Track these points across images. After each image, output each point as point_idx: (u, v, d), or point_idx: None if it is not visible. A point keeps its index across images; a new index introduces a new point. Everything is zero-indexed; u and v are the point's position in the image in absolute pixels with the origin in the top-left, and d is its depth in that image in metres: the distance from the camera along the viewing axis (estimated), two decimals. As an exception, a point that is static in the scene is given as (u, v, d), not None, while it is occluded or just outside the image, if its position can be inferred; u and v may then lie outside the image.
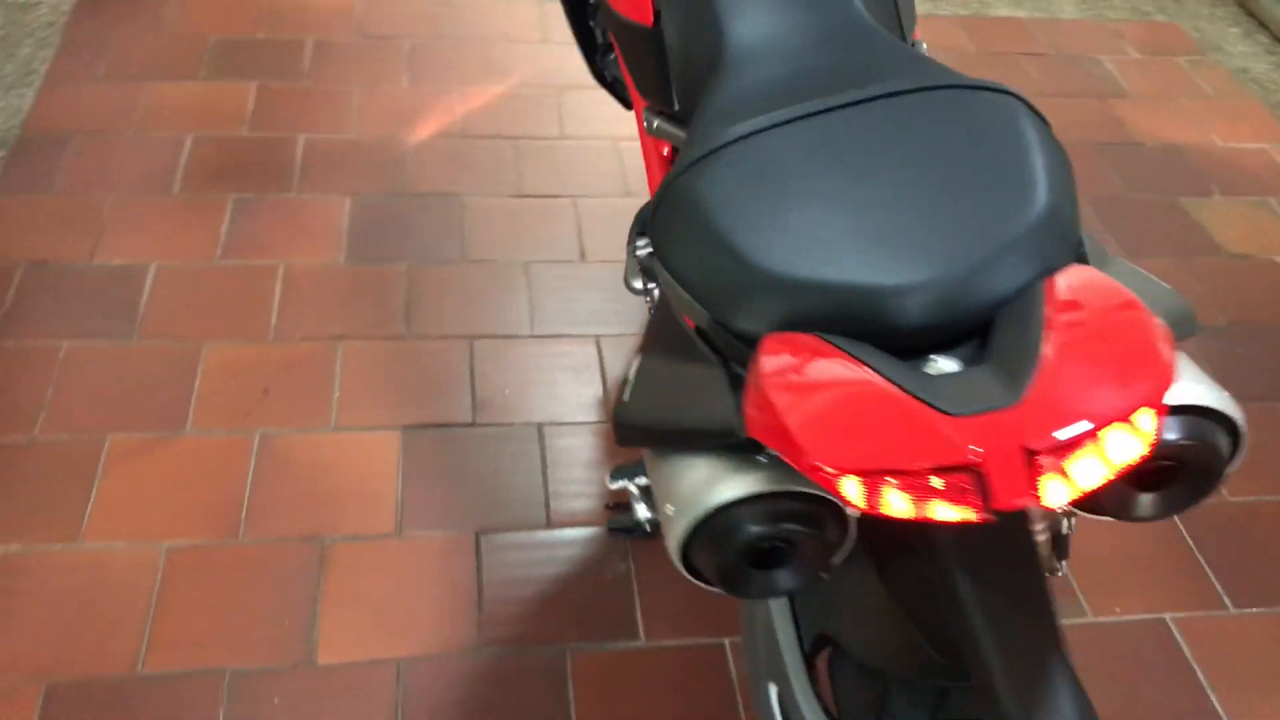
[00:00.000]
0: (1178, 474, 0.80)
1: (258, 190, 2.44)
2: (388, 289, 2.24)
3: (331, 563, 1.78)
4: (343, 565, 1.77)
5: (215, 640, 1.66)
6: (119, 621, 1.67)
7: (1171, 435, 0.79)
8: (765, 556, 0.84)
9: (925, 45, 1.37)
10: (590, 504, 1.88)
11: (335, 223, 2.38)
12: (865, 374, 0.72)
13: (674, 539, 0.83)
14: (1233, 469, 0.83)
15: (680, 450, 0.85)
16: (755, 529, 0.80)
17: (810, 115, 0.93)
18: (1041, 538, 1.26)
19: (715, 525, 0.81)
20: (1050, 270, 0.78)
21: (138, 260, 2.24)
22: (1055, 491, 0.68)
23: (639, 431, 0.90)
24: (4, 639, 1.63)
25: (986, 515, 0.68)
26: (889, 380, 0.71)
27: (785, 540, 0.82)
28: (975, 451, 0.66)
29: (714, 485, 0.81)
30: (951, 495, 0.68)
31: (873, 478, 0.68)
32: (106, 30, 2.87)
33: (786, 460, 0.72)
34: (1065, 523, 1.29)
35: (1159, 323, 0.72)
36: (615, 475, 0.92)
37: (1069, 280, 0.76)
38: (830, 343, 0.76)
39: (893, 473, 0.68)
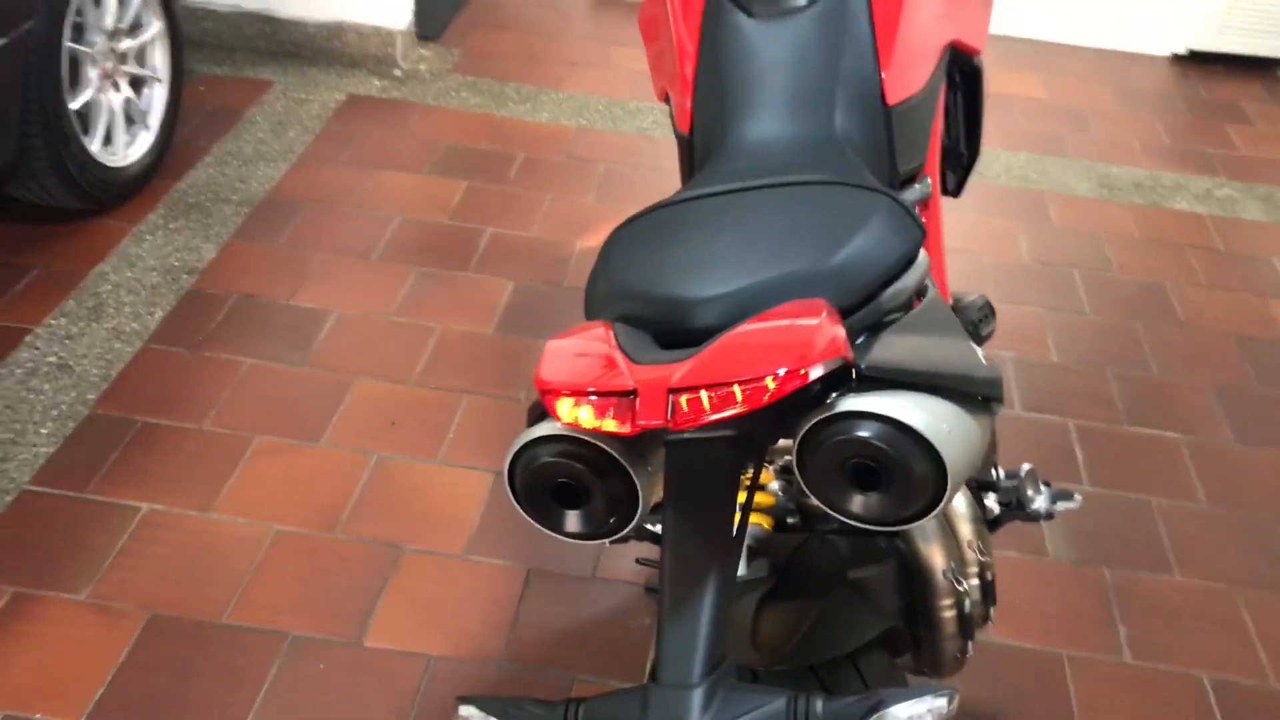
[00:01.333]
0: (881, 481, 0.96)
1: (439, 266, 2.83)
2: (520, 360, 2.55)
3: (402, 567, 2.04)
4: (410, 571, 2.04)
5: (290, 608, 1.95)
6: (220, 579, 1.99)
7: (864, 433, 0.94)
8: (565, 497, 1.05)
9: (930, 181, 1.56)
10: (635, 567, 2.07)
11: (496, 300, 2.73)
12: (604, 339, 0.95)
13: (504, 474, 1.05)
14: (940, 506, 0.96)
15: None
16: (546, 459, 1.01)
17: (718, 193, 1.17)
18: (973, 583, 1.38)
19: (523, 457, 1.03)
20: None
21: (325, 306, 2.66)
22: (687, 418, 0.88)
23: (532, 413, 1.14)
24: (129, 572, 1.98)
25: (635, 429, 0.89)
26: (616, 345, 0.94)
27: (573, 479, 1.02)
28: (633, 384, 0.88)
29: (532, 431, 1.03)
30: (618, 412, 0.89)
31: (573, 395, 0.91)
32: (360, 127, 3.41)
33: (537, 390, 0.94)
34: (989, 573, 1.40)
35: (821, 334, 0.90)
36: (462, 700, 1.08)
37: (792, 304, 0.96)
38: (610, 325, 0.99)
39: (583, 393, 0.90)
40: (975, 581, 1.41)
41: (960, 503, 1.39)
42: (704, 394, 0.87)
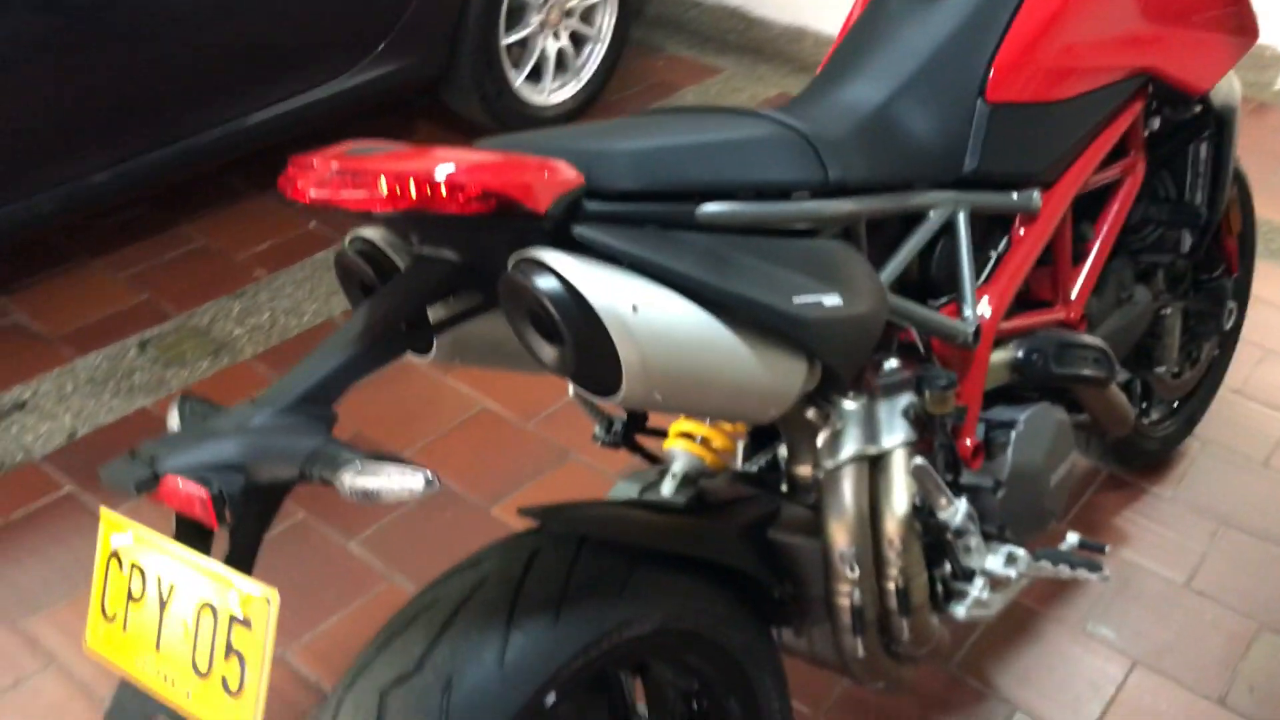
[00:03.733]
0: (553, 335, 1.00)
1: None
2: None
3: (568, 464, 2.25)
4: (571, 469, 2.24)
5: (460, 470, 2.24)
6: (416, 430, 2.34)
7: (536, 281, 0.97)
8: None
9: (1037, 196, 1.47)
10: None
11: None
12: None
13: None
14: (621, 392, 0.99)
15: None
16: (344, 252, 1.15)
17: (697, 110, 1.27)
18: (887, 586, 1.32)
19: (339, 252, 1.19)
20: None
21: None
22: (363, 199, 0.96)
23: None
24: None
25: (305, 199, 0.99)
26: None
27: (365, 277, 1.16)
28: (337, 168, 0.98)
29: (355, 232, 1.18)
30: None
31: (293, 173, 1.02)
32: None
33: None
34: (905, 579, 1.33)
35: (503, 167, 0.95)
36: None
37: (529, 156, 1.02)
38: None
39: (302, 174, 1.00)
40: (891, 586, 1.33)
41: (900, 499, 1.32)
42: (382, 180, 0.96)
